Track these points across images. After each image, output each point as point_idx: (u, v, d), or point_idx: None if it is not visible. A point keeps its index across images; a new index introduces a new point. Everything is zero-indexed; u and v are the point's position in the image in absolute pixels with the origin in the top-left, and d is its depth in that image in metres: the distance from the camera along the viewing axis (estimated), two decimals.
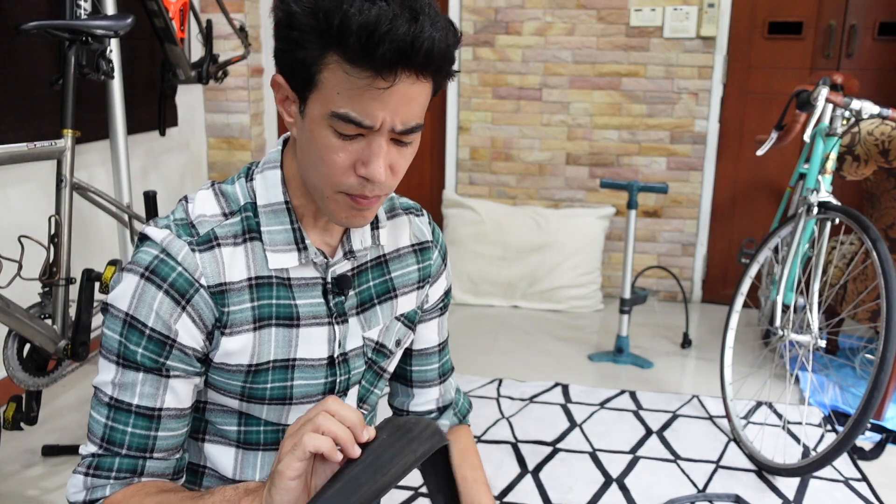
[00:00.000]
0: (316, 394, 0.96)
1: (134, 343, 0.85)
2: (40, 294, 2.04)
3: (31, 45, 2.47)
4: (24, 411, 1.99)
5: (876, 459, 2.28)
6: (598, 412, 2.55)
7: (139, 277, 0.85)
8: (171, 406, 0.88)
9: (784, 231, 2.39)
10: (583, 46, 3.60)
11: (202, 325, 0.87)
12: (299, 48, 0.79)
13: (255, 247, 0.90)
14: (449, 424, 1.18)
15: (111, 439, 0.87)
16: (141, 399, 0.87)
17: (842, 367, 2.89)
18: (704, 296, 3.80)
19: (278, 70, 0.85)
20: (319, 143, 0.82)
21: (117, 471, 0.88)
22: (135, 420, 0.87)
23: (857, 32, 3.37)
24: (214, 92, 3.72)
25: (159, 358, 0.86)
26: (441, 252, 1.09)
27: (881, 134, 2.40)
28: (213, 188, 0.93)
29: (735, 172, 3.64)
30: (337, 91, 0.78)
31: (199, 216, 0.89)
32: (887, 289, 1.99)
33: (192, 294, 0.86)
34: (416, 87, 0.79)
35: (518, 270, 3.60)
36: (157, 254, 0.85)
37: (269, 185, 0.92)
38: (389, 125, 0.80)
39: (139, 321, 0.84)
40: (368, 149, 0.81)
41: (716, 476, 2.17)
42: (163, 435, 0.89)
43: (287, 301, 0.92)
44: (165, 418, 0.88)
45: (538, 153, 3.75)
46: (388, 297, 1.02)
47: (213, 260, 0.87)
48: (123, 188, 2.74)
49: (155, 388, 0.87)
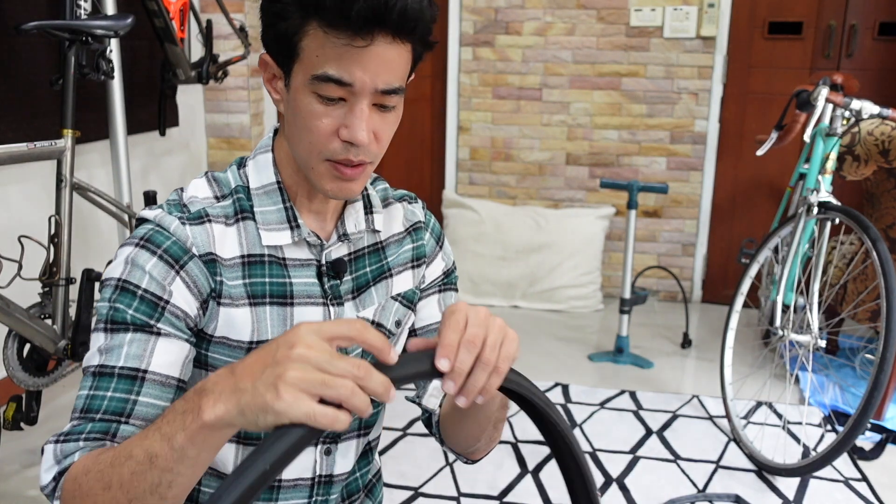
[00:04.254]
0: None
1: (125, 304, 0.84)
2: (40, 294, 2.04)
3: (31, 45, 2.47)
4: (24, 411, 1.99)
5: (876, 459, 2.28)
6: (598, 412, 2.55)
7: (133, 247, 0.86)
8: (156, 370, 0.83)
9: (784, 231, 2.39)
10: (583, 46, 3.60)
11: (196, 292, 0.87)
12: (281, 20, 0.83)
13: (248, 226, 0.92)
14: None
15: (89, 407, 0.82)
16: (126, 360, 0.83)
17: (842, 367, 2.89)
18: (704, 296, 3.80)
19: (265, 48, 0.89)
20: (304, 111, 0.85)
21: (88, 433, 0.80)
22: (117, 383, 0.82)
23: (857, 32, 3.37)
24: (214, 92, 3.72)
25: (150, 319, 0.84)
26: (434, 234, 1.09)
27: (881, 134, 2.40)
28: (207, 176, 0.95)
29: (735, 172, 3.64)
30: (317, 54, 0.82)
31: (191, 197, 0.91)
32: (887, 289, 1.99)
33: (187, 260, 0.87)
34: (394, 49, 0.82)
35: (518, 270, 3.60)
36: (151, 227, 0.87)
37: (260, 168, 0.94)
38: (370, 86, 0.82)
39: (132, 283, 0.84)
40: (351, 113, 0.84)
41: (716, 476, 2.17)
42: (143, 401, 0.82)
43: (281, 279, 0.92)
44: (149, 382, 0.83)
45: (538, 153, 3.75)
46: (383, 277, 1.02)
47: (203, 232, 0.89)
48: (123, 188, 2.74)
49: (142, 348, 0.83)
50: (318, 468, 1.00)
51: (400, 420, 2.44)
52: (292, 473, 0.98)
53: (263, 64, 0.90)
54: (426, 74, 3.81)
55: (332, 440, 1.00)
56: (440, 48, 3.75)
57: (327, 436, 0.99)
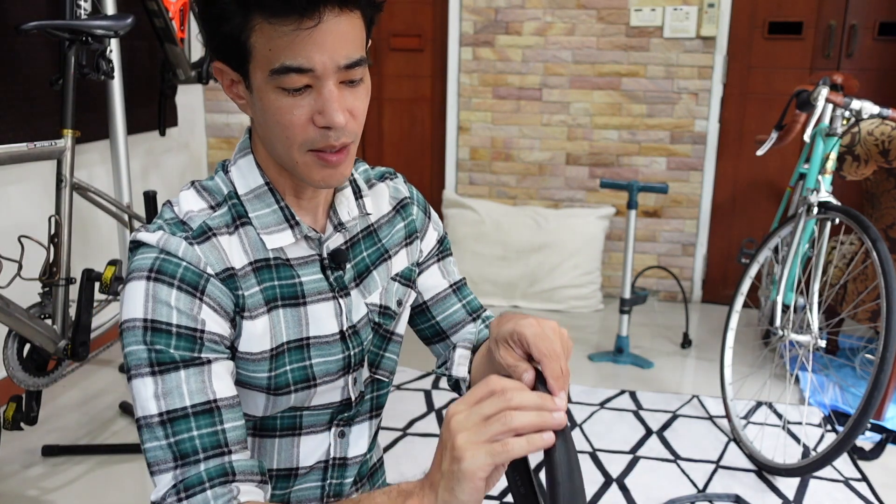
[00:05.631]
0: (336, 371, 0.95)
1: (163, 344, 0.81)
2: (40, 294, 2.04)
3: (31, 45, 2.47)
4: (24, 411, 1.99)
5: (876, 459, 2.28)
6: (598, 412, 2.55)
7: (146, 281, 0.82)
8: (222, 395, 0.83)
9: (784, 231, 2.39)
10: (583, 46, 3.60)
11: (223, 313, 0.85)
12: (224, 21, 0.80)
13: (248, 231, 0.90)
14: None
15: (182, 453, 0.80)
16: (192, 398, 0.81)
17: (842, 367, 2.89)
18: (704, 296, 3.80)
19: (215, 56, 0.85)
20: (272, 109, 0.82)
21: (209, 480, 0.80)
22: (196, 421, 0.81)
23: (857, 32, 3.37)
24: (214, 92, 3.72)
25: (193, 352, 0.82)
26: (420, 206, 1.09)
27: (881, 134, 2.40)
28: (195, 186, 0.92)
29: (735, 172, 3.64)
30: (269, 48, 0.79)
31: (188, 213, 0.88)
32: (887, 289, 1.99)
33: (205, 284, 0.84)
34: (345, 21, 0.79)
35: (518, 270, 3.60)
36: (157, 255, 0.83)
37: (244, 173, 0.92)
38: (331, 66, 0.80)
39: (161, 322, 0.81)
40: (320, 97, 0.81)
41: (716, 476, 2.17)
42: (228, 427, 0.83)
43: (290, 280, 0.91)
44: (223, 408, 0.83)
45: (538, 153, 3.75)
46: (382, 259, 1.02)
47: (213, 249, 0.86)
48: (123, 188, 2.74)
49: (200, 380, 0.82)
50: (333, 450, 1.00)
51: (400, 420, 2.44)
52: (309, 460, 0.98)
53: (218, 72, 0.86)
54: (426, 74, 3.81)
55: (346, 423, 1.00)
56: (440, 48, 3.75)
57: (341, 418, 0.99)
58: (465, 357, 1.06)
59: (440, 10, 3.72)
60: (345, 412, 0.99)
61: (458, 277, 1.13)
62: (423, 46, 3.78)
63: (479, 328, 1.11)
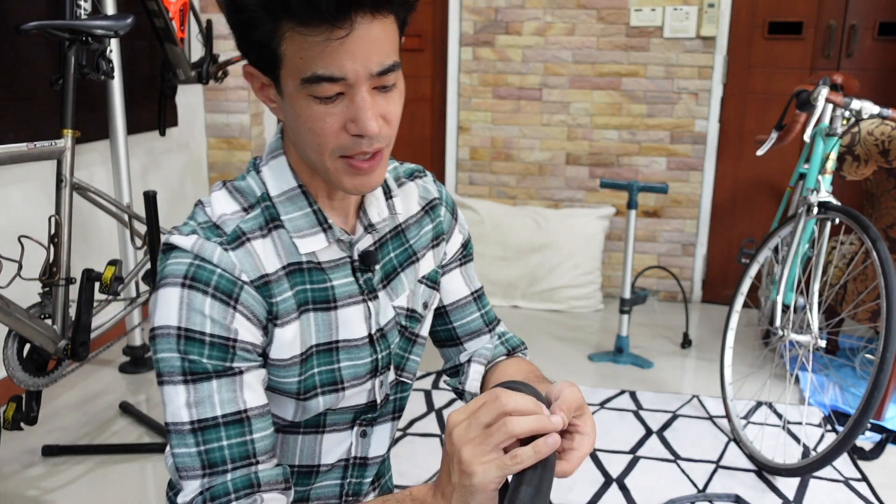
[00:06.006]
0: (364, 374, 0.95)
1: (196, 353, 0.81)
2: (40, 294, 2.04)
3: (31, 45, 2.47)
4: (24, 411, 1.99)
5: (876, 459, 2.28)
6: (598, 412, 2.55)
7: (180, 288, 0.81)
8: (253, 405, 0.84)
9: (784, 231, 2.39)
10: (583, 46, 3.60)
11: (256, 321, 0.85)
12: (253, 28, 0.78)
13: (281, 234, 0.89)
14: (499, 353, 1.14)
15: (211, 461, 0.82)
16: (223, 407, 0.82)
17: (842, 367, 2.89)
18: (704, 296, 3.80)
19: (245, 59, 0.84)
20: (304, 115, 0.81)
21: (235, 491, 0.82)
22: (226, 430, 0.82)
23: (857, 32, 3.37)
24: (214, 92, 3.72)
25: (225, 362, 0.82)
26: (448, 207, 1.07)
27: (881, 134, 2.40)
28: (227, 187, 0.91)
29: (735, 172, 3.64)
30: (300, 56, 0.77)
31: (221, 216, 0.87)
32: (887, 289, 1.99)
33: (238, 292, 0.83)
34: (378, 26, 0.77)
35: (518, 270, 3.60)
36: (192, 261, 0.82)
37: (277, 174, 0.90)
38: (364, 74, 0.78)
39: (195, 331, 0.81)
40: (353, 105, 0.79)
41: (716, 476, 2.17)
42: (257, 437, 0.84)
43: (322, 284, 0.91)
44: (254, 418, 0.84)
45: (538, 153, 3.75)
46: (410, 261, 1.01)
47: (247, 255, 0.85)
48: (123, 188, 2.74)
49: (232, 390, 0.83)
50: (354, 450, 1.00)
51: (400, 420, 2.43)
52: (330, 458, 0.98)
53: (249, 76, 0.85)
54: (426, 74, 3.81)
55: (368, 423, 1.00)
56: (440, 48, 3.75)
57: (364, 419, 0.99)
58: (480, 373, 1.08)
59: (440, 10, 3.72)
60: (368, 413, 0.99)
61: (479, 285, 1.13)
62: (423, 46, 3.78)
63: (494, 344, 1.12)
